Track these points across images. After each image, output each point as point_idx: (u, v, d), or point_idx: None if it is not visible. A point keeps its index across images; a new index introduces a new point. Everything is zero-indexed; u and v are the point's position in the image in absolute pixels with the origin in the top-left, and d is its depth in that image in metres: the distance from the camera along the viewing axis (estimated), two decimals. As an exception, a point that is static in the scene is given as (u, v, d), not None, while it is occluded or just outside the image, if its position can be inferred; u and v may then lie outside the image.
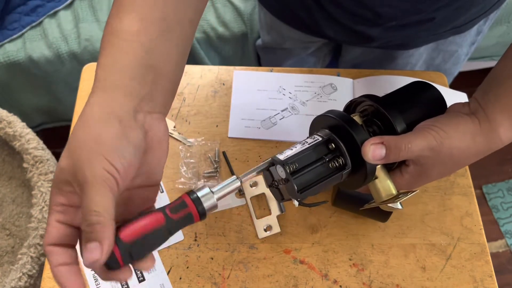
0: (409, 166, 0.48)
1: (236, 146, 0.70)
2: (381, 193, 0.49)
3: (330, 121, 0.48)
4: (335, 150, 0.47)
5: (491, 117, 0.46)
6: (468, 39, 0.81)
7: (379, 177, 0.49)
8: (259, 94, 0.74)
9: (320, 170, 0.47)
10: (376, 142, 0.45)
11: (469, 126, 0.46)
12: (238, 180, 0.42)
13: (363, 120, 0.51)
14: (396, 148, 0.45)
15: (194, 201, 0.39)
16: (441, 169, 0.48)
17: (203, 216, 0.40)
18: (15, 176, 1.11)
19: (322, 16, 0.73)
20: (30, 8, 1.28)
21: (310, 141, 0.48)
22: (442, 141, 0.45)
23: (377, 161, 0.46)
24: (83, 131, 0.37)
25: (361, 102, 0.52)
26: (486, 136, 0.46)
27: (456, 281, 0.61)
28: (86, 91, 0.73)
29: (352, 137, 0.46)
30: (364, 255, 0.62)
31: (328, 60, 1.00)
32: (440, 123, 0.46)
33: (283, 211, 0.64)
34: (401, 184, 0.50)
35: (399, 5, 0.66)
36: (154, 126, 0.40)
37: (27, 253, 0.86)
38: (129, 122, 0.38)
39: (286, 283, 0.60)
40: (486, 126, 0.46)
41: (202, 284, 0.60)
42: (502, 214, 1.55)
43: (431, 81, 0.75)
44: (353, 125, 0.47)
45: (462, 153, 0.47)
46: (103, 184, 0.34)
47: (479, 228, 0.65)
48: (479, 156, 0.48)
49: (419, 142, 0.45)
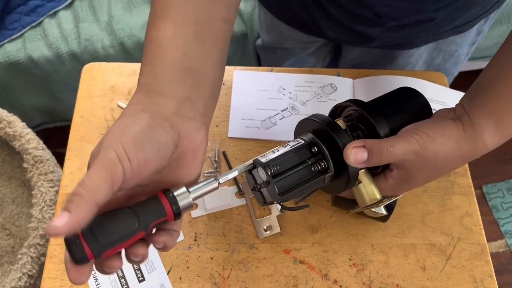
0: (393, 170, 0.48)
1: (236, 146, 0.70)
2: (365, 197, 0.50)
3: (314, 125, 0.48)
4: (318, 153, 0.47)
5: (476, 122, 0.46)
6: (469, 39, 0.81)
7: (363, 181, 0.49)
8: (259, 94, 0.74)
9: (302, 173, 0.46)
10: (358, 145, 0.45)
11: (454, 131, 0.46)
12: (216, 181, 0.41)
13: (347, 125, 0.51)
14: (378, 152, 0.45)
15: (169, 199, 0.38)
16: (425, 174, 0.48)
17: (177, 216, 0.38)
18: (15, 176, 1.11)
19: (322, 16, 0.73)
20: (30, 8, 1.28)
21: (293, 144, 0.48)
22: (425, 145, 0.45)
23: (359, 164, 0.45)
24: (115, 122, 0.37)
25: (347, 106, 0.52)
26: (471, 141, 0.46)
27: (456, 281, 0.61)
28: (86, 91, 0.73)
29: (335, 140, 0.46)
30: (364, 255, 0.62)
31: (328, 60, 1.00)
32: (424, 128, 0.46)
33: (283, 211, 0.64)
34: (385, 189, 0.50)
35: (399, 5, 0.66)
36: (191, 134, 0.39)
37: (27, 253, 0.86)
38: (160, 121, 0.38)
39: (286, 283, 0.60)
40: (470, 131, 0.46)
41: (202, 284, 0.60)
42: (502, 214, 1.55)
43: (431, 81, 0.75)
44: (336, 129, 0.47)
45: (446, 157, 0.46)
46: (106, 166, 0.34)
47: (479, 228, 0.65)
48: (464, 161, 0.48)
49: (402, 146, 0.45)
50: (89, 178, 0.33)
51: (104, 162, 0.34)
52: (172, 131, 0.38)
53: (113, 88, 0.74)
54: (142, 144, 0.36)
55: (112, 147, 0.35)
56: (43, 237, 0.88)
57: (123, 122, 0.37)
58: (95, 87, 0.73)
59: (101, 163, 0.34)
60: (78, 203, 0.32)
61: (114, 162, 0.34)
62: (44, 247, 0.88)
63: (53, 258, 0.61)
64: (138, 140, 0.36)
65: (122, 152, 0.35)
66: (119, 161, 0.34)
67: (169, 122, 0.38)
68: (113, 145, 0.35)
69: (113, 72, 0.75)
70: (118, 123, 0.37)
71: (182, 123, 0.39)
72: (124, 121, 0.37)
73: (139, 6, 1.28)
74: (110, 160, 0.34)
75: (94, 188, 0.33)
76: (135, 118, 0.37)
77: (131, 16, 1.26)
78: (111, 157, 0.34)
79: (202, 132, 0.40)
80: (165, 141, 0.37)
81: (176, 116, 0.39)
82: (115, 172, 0.34)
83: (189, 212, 0.39)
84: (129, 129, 0.36)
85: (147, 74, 0.40)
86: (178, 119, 0.39)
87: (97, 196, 0.33)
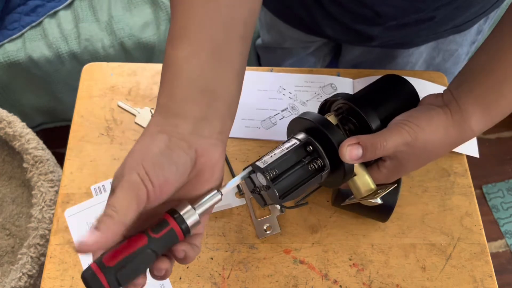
0: (386, 161, 0.50)
1: (236, 146, 0.69)
2: (360, 189, 0.51)
3: (306, 123, 0.49)
4: (313, 152, 0.48)
5: (463, 108, 0.47)
6: (469, 38, 0.81)
7: (358, 173, 0.51)
8: (259, 94, 0.74)
9: (300, 173, 0.47)
10: (352, 143, 0.47)
11: (442, 118, 0.48)
12: (219, 193, 0.42)
13: (338, 118, 0.52)
14: (372, 147, 0.47)
15: (176, 219, 0.39)
16: (416, 162, 0.50)
17: (187, 234, 0.39)
18: (15, 176, 1.11)
19: (322, 15, 0.73)
20: (30, 8, 1.28)
21: (288, 145, 0.48)
22: (416, 135, 0.47)
23: (354, 161, 0.47)
24: (136, 144, 0.39)
25: (335, 101, 0.53)
26: (458, 127, 0.48)
27: (456, 281, 0.61)
28: (86, 91, 0.73)
29: (329, 138, 0.47)
30: (364, 255, 0.62)
31: (328, 60, 1.00)
32: (414, 118, 0.48)
33: (283, 211, 0.64)
34: (379, 179, 0.51)
35: (399, 4, 0.66)
36: (208, 152, 0.40)
37: (27, 253, 0.86)
38: (178, 141, 0.39)
39: (286, 283, 0.60)
40: (458, 117, 0.48)
41: (202, 284, 0.60)
42: (502, 214, 1.55)
43: (431, 81, 0.75)
44: (328, 126, 0.47)
45: (436, 145, 0.48)
46: (131, 188, 0.36)
47: (479, 228, 0.65)
48: (452, 146, 0.50)
49: (394, 139, 0.47)
50: (117, 200, 0.35)
51: (129, 184, 0.36)
52: (190, 150, 0.39)
53: (113, 88, 0.74)
54: (161, 165, 0.37)
55: (135, 169, 0.36)
56: (43, 237, 0.88)
57: (143, 144, 0.39)
58: (95, 87, 0.73)
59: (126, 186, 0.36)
60: (108, 224, 0.35)
61: (138, 184, 0.36)
62: (44, 247, 0.88)
63: (53, 258, 0.60)
64: (157, 162, 0.37)
65: (144, 174, 0.36)
66: (142, 183, 0.36)
67: (186, 142, 0.39)
68: (135, 168, 0.37)
69: (113, 72, 0.75)
70: (138, 145, 0.39)
71: (199, 142, 0.40)
72: (143, 143, 0.39)
73: (139, 6, 1.28)
74: (134, 183, 0.36)
75: (122, 210, 0.35)
76: (153, 140, 0.39)
77: (131, 16, 1.26)
78: (134, 180, 0.36)
79: (219, 149, 0.41)
80: (183, 160, 0.39)
81: (193, 136, 0.40)
82: (140, 194, 0.36)
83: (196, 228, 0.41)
84: (149, 151, 0.38)
85: (164, 95, 0.41)
86: (194, 138, 0.40)
87: (126, 217, 0.35)
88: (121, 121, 0.71)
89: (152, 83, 0.74)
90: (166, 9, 1.24)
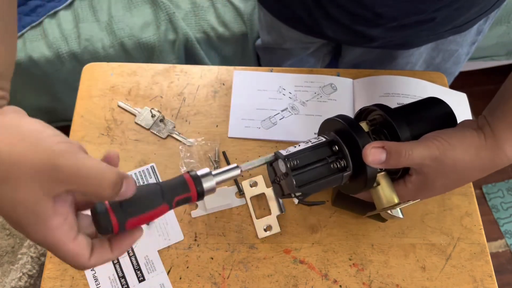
0: (411, 175, 0.48)
1: (236, 146, 0.70)
2: (382, 200, 0.50)
3: (337, 124, 0.49)
4: (338, 152, 0.48)
5: (497, 134, 0.46)
6: (469, 38, 0.81)
7: (381, 184, 0.50)
8: (259, 94, 0.74)
9: (321, 169, 0.48)
10: (377, 146, 0.46)
11: (475, 140, 0.46)
12: (239, 168, 0.43)
13: (371, 128, 0.52)
14: (396, 153, 0.45)
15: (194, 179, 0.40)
16: (444, 181, 0.48)
17: (200, 197, 0.40)
18: (15, 176, 1.11)
19: (322, 16, 0.73)
20: (30, 8, 1.28)
21: (314, 141, 0.49)
22: (445, 152, 0.45)
23: (377, 164, 0.46)
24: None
25: (372, 110, 0.53)
26: (491, 151, 0.46)
27: (456, 281, 0.61)
28: (86, 91, 0.73)
29: (356, 141, 0.47)
30: (364, 255, 0.62)
31: (328, 60, 1.00)
32: (445, 135, 0.46)
33: (283, 211, 0.64)
34: (404, 195, 0.50)
35: (399, 5, 0.66)
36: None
37: (27, 253, 0.86)
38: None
39: (286, 283, 0.60)
40: (491, 141, 0.46)
41: (202, 284, 0.60)
42: (502, 214, 1.55)
43: (431, 81, 0.75)
44: (358, 130, 0.48)
45: (466, 166, 0.46)
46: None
47: (479, 228, 0.65)
48: (485, 171, 0.48)
49: (421, 151, 0.45)
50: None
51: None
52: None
53: (113, 88, 0.74)
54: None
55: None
56: (43, 237, 0.88)
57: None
58: (95, 87, 0.73)
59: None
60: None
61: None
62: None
63: (53, 258, 0.60)
64: None
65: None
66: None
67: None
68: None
69: (113, 72, 0.75)
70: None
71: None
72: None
73: (139, 6, 1.28)
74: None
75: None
76: None
77: (131, 16, 1.26)
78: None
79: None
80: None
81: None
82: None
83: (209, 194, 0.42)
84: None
85: None
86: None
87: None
88: (121, 121, 0.71)
89: (152, 83, 0.74)
90: (166, 9, 1.24)
